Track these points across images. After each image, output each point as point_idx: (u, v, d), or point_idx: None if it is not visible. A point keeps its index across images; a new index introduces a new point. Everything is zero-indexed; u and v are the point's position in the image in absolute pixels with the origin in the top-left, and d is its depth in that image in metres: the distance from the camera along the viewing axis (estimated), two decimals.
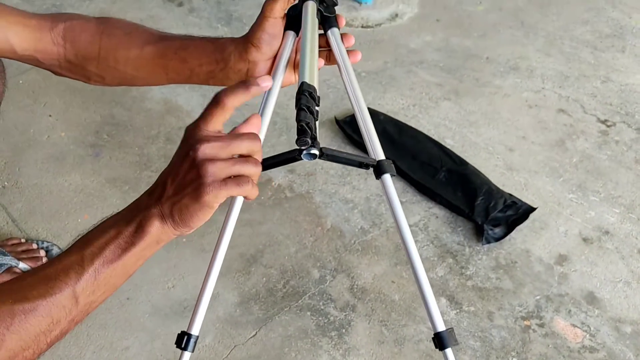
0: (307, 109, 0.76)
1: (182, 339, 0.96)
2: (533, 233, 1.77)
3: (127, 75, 1.02)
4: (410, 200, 1.85)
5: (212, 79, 0.99)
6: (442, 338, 0.94)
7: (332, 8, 1.01)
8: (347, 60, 0.98)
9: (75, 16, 1.02)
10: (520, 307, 1.59)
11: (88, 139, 2.02)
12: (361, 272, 1.66)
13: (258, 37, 0.92)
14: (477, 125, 2.11)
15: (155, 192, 0.73)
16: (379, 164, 0.91)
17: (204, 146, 0.70)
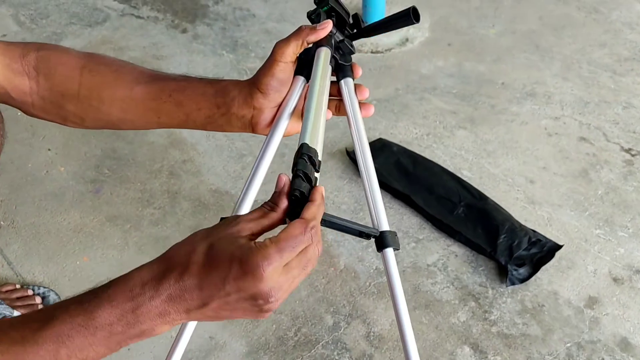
0: (304, 177, 0.66)
1: None
2: (560, 273, 1.66)
3: (112, 118, 0.90)
4: (428, 237, 1.75)
5: (211, 124, 0.88)
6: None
7: (349, 57, 0.92)
8: (358, 114, 0.89)
9: (51, 46, 0.89)
10: (550, 356, 1.48)
11: (88, 174, 1.93)
12: (378, 317, 1.56)
13: (266, 82, 0.83)
14: (495, 156, 2.01)
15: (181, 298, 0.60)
16: (382, 235, 0.81)
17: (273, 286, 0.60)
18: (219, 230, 0.63)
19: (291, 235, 0.61)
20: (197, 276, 0.59)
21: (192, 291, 0.59)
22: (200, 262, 0.60)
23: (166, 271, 0.61)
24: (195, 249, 0.61)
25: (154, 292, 0.60)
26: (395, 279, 0.84)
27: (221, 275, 0.59)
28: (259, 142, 2.19)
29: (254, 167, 0.85)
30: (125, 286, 0.61)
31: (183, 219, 1.79)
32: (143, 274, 0.62)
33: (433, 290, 1.61)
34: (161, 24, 2.65)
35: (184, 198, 1.85)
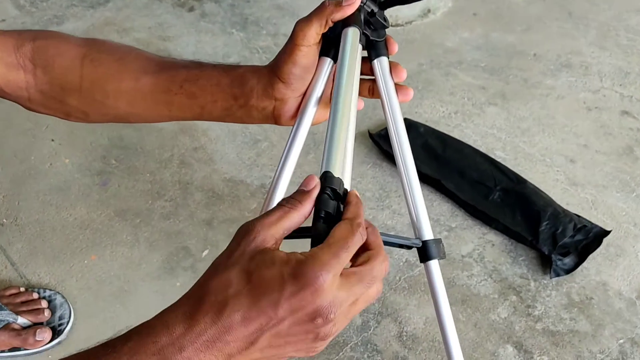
0: (325, 217, 0.54)
1: None
2: (608, 261, 1.52)
3: (119, 112, 0.79)
4: (461, 225, 1.61)
5: (229, 116, 0.76)
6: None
7: (382, 31, 0.78)
8: (394, 99, 0.76)
9: (48, 34, 0.79)
10: (602, 354, 1.35)
11: (94, 166, 1.81)
12: (410, 315, 1.43)
13: (287, 71, 0.70)
14: (531, 134, 1.86)
15: (221, 342, 0.49)
16: (426, 246, 0.71)
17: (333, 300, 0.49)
18: (244, 250, 0.50)
19: (341, 238, 0.50)
20: (240, 310, 0.48)
21: (235, 330, 0.48)
22: (243, 292, 0.48)
23: (199, 311, 0.48)
24: (230, 280, 0.49)
25: (186, 340, 0.47)
26: (441, 293, 0.74)
27: (272, 299, 0.48)
28: (275, 127, 2.07)
29: (280, 165, 0.74)
30: (148, 337, 0.48)
31: (196, 211, 1.67)
32: (169, 318, 0.49)
33: (469, 284, 1.48)
34: (167, 2, 2.50)
35: (196, 189, 1.73)
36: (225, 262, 0.50)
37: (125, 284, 1.51)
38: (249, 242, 0.50)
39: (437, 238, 0.73)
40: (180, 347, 0.47)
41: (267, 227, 0.51)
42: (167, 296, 1.49)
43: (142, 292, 1.50)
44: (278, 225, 0.52)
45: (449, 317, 0.77)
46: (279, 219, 0.52)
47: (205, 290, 0.49)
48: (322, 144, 1.85)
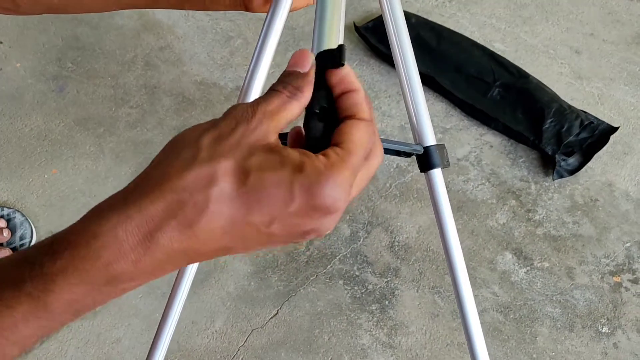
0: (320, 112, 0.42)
1: None
2: (615, 160, 1.40)
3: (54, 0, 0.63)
4: (457, 126, 1.47)
5: (190, 1, 0.61)
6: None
7: None
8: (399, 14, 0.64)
9: None
10: (607, 258, 1.27)
11: (49, 70, 1.62)
12: (402, 224, 1.33)
13: None
14: (533, 22, 1.68)
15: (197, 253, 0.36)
16: (427, 152, 0.65)
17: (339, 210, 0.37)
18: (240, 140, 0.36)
19: (362, 146, 0.38)
20: (223, 220, 0.35)
21: (211, 240, 0.35)
22: (230, 198, 0.35)
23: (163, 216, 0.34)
24: (216, 175, 0.35)
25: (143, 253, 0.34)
26: (445, 205, 0.66)
27: (269, 215, 0.35)
28: (249, 21, 1.87)
29: (253, 60, 0.66)
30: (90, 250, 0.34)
31: (165, 118, 1.51)
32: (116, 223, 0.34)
33: (465, 189, 1.37)
34: None
35: (164, 93, 1.56)
36: (211, 148, 0.36)
37: (92, 199, 1.38)
38: (249, 131, 0.37)
39: (440, 144, 0.64)
40: (135, 261, 0.34)
41: (269, 117, 0.38)
42: None
43: None
44: (280, 117, 0.38)
45: (454, 232, 0.68)
46: (280, 109, 0.39)
47: (175, 183, 0.35)
48: (303, 40, 1.66)
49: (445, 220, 0.69)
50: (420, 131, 0.64)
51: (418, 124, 0.65)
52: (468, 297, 0.70)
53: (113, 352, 1.18)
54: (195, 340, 1.19)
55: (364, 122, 0.39)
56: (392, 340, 1.18)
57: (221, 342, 1.19)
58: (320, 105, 0.41)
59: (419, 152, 0.63)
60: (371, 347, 1.17)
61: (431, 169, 0.64)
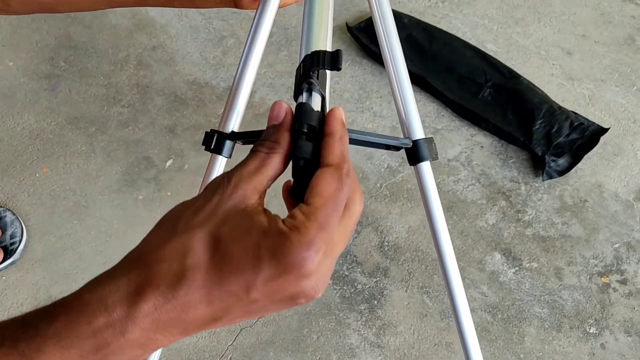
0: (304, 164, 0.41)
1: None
2: (605, 161, 1.41)
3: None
4: (448, 127, 1.48)
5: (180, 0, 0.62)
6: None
7: None
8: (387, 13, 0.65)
9: None
10: (596, 259, 1.27)
11: (42, 69, 1.62)
12: (392, 224, 1.33)
13: None
14: (525, 24, 1.69)
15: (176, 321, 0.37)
16: (416, 146, 0.65)
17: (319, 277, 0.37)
18: (216, 208, 0.38)
19: (329, 198, 0.38)
20: (201, 288, 0.36)
21: (193, 310, 0.36)
22: (204, 267, 0.36)
23: (146, 285, 0.36)
24: (190, 245, 0.36)
25: (130, 321, 0.35)
26: (434, 199, 0.67)
27: (244, 281, 0.36)
28: (242, 21, 1.86)
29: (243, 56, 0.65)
30: (81, 316, 0.35)
31: (157, 117, 1.51)
32: (107, 293, 0.36)
33: (456, 190, 1.37)
34: None
35: (156, 92, 1.56)
36: (188, 221, 0.37)
37: (82, 198, 1.39)
38: (225, 197, 0.38)
39: (428, 137, 0.65)
40: (122, 330, 0.35)
41: (246, 180, 0.38)
42: (128, 210, 1.37)
43: (101, 206, 1.37)
44: (259, 176, 0.39)
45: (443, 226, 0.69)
46: (258, 168, 0.39)
47: (155, 255, 0.36)
48: (295, 40, 1.67)
49: (435, 213, 0.69)
50: (409, 125, 0.65)
51: (407, 118, 0.65)
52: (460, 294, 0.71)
53: None
54: (185, 339, 1.20)
55: (330, 170, 0.38)
56: (380, 340, 1.18)
57: (210, 341, 1.19)
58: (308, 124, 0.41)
59: (407, 146, 0.64)
60: (359, 346, 1.18)
61: (420, 162, 0.65)
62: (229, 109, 0.68)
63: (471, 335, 0.73)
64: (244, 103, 0.67)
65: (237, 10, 1.72)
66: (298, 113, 0.41)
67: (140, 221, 1.35)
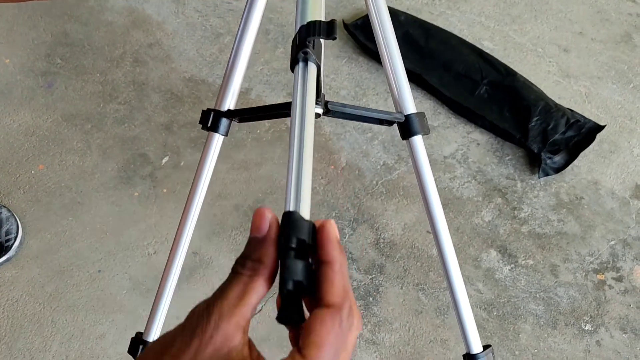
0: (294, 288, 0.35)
1: (137, 346, 0.82)
2: (601, 158, 1.41)
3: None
4: (444, 124, 1.48)
5: None
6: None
7: None
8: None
9: None
10: (592, 256, 1.27)
11: (38, 66, 1.62)
12: (387, 221, 1.33)
13: None
14: (522, 21, 1.68)
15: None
16: (408, 120, 0.68)
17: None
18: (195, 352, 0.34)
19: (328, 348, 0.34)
20: None
21: None
22: None
23: None
24: None
25: None
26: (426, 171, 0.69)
27: None
28: (239, 18, 1.86)
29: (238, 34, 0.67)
30: None
31: (153, 114, 1.51)
32: None
33: (452, 187, 1.37)
34: None
35: (152, 90, 1.56)
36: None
37: (78, 195, 1.38)
38: (205, 341, 0.34)
39: (420, 112, 0.67)
40: None
41: (228, 314, 0.35)
42: (124, 207, 1.37)
43: (97, 203, 1.37)
44: (242, 306, 0.35)
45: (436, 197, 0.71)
46: (241, 298, 0.35)
47: None
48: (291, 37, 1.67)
49: (428, 186, 0.72)
50: (401, 100, 0.67)
51: (399, 94, 0.67)
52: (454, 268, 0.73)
53: (97, 348, 1.19)
54: None
55: (330, 314, 0.34)
56: (375, 337, 1.18)
57: None
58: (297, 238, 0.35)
59: (400, 120, 0.66)
60: None
61: (412, 136, 0.67)
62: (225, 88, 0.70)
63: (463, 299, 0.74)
64: (239, 81, 0.68)
65: (234, 7, 1.71)
66: (285, 224, 0.35)
67: (136, 218, 1.35)
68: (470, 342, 0.73)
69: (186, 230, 0.74)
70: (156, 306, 0.78)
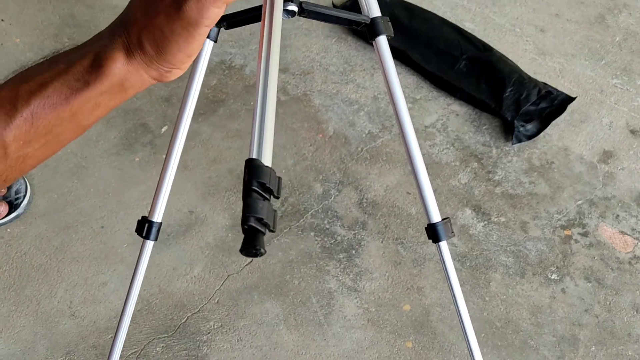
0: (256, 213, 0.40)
1: (143, 226, 0.95)
2: (572, 127, 1.50)
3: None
4: (426, 97, 1.58)
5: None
6: (436, 229, 0.87)
7: None
8: None
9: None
10: (560, 214, 1.36)
11: (47, 45, 1.73)
12: (371, 183, 1.43)
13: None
14: (502, 4, 1.79)
15: (121, 17, 0.49)
16: (373, 22, 0.76)
17: None
18: None
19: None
20: None
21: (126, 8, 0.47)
22: None
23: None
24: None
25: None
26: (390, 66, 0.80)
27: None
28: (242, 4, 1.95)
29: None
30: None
31: (153, 88, 1.61)
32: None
33: (431, 153, 1.47)
34: None
35: None
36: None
37: (83, 160, 1.49)
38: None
39: (384, 16, 0.75)
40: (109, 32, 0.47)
41: None
42: (125, 171, 1.47)
43: (100, 167, 1.47)
44: None
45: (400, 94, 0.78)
46: None
47: None
48: None
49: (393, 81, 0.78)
50: (368, 4, 0.76)
51: (366, 1, 0.76)
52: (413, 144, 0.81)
53: (99, 294, 1.28)
54: (175, 284, 1.29)
55: None
56: (357, 285, 1.27)
57: (199, 285, 1.29)
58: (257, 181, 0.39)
59: (366, 22, 0.75)
60: (337, 290, 1.27)
61: (377, 36, 0.75)
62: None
63: None
64: None
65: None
66: (249, 169, 0.40)
67: (136, 181, 1.45)
68: (431, 213, 0.83)
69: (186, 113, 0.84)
70: (159, 188, 0.90)
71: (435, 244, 0.86)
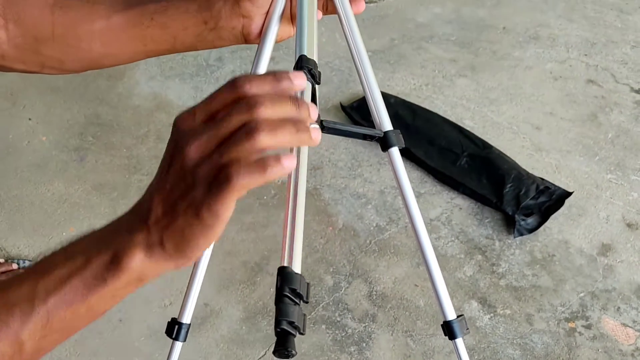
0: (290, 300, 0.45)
1: (173, 327, 0.99)
2: (570, 221, 1.57)
3: (94, 55, 0.80)
4: (430, 191, 1.66)
5: (201, 42, 0.79)
6: (452, 327, 0.91)
7: None
8: (349, 11, 0.81)
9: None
10: (563, 307, 1.41)
11: (71, 142, 1.84)
12: (380, 275, 1.48)
13: None
14: (499, 103, 1.91)
15: (140, 211, 0.48)
16: (386, 135, 0.81)
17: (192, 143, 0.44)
18: None
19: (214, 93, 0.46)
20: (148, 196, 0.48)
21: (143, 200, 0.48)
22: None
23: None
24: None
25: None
26: (403, 177, 0.82)
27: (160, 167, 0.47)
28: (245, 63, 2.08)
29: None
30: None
31: None
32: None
33: (437, 245, 1.53)
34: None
35: None
36: None
37: None
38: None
39: (396, 129, 0.80)
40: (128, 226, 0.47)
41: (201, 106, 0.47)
42: None
43: None
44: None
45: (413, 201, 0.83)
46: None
47: None
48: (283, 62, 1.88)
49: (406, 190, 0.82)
50: (380, 119, 0.80)
51: (378, 114, 0.80)
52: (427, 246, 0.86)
53: None
54: None
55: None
56: None
57: None
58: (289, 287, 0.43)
59: (380, 135, 0.79)
60: None
61: (390, 148, 0.80)
62: None
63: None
64: None
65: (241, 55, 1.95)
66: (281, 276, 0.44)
67: None
68: (446, 310, 0.89)
69: None
70: (189, 289, 0.96)
71: (452, 340, 0.90)
